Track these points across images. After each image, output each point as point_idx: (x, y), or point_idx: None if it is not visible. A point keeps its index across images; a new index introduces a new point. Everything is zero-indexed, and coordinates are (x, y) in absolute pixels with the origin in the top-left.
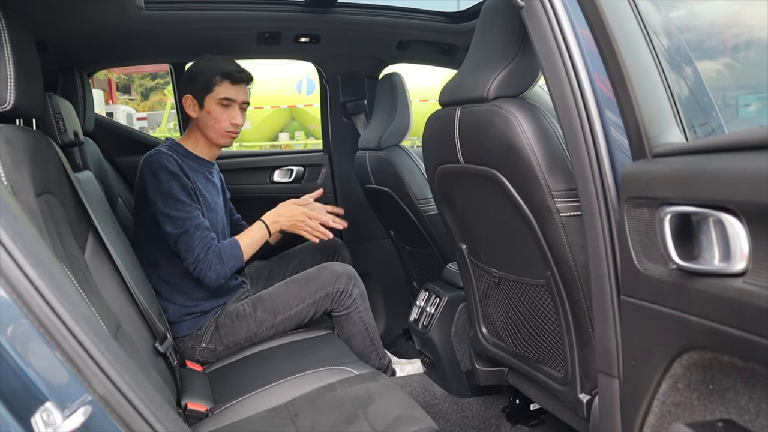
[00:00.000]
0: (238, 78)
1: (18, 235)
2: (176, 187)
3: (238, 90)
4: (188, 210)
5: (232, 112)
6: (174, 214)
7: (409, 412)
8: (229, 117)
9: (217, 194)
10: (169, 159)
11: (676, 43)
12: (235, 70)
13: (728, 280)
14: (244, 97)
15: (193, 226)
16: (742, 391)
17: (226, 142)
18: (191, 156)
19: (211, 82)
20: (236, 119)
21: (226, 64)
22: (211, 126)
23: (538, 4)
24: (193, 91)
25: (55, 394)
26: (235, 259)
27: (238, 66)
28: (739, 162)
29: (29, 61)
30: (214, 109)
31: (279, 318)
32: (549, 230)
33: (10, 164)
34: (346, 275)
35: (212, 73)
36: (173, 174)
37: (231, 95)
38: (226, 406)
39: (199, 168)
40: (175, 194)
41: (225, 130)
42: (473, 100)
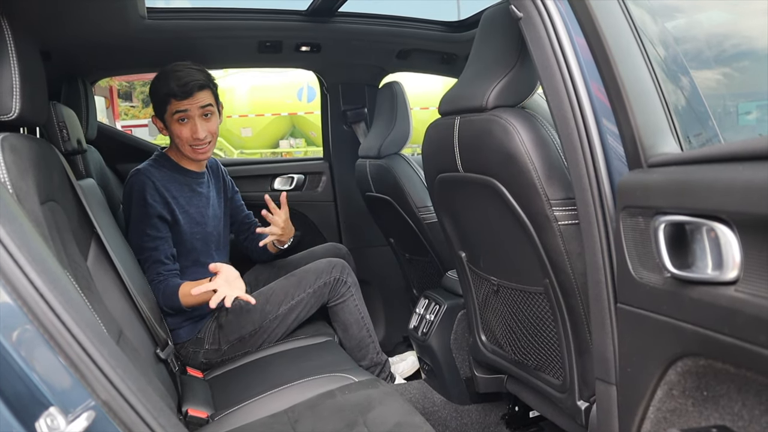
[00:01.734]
0: (183, 93)
1: (23, 242)
2: (143, 216)
3: (190, 102)
4: (147, 241)
5: (191, 126)
6: (137, 241)
7: (409, 419)
8: (190, 131)
9: (207, 205)
10: (148, 182)
11: (673, 54)
12: (177, 86)
13: (721, 288)
14: (200, 104)
15: (146, 257)
16: (736, 398)
17: (197, 156)
18: (178, 168)
19: (162, 101)
20: (197, 132)
21: (170, 80)
22: (179, 144)
23: (536, 15)
24: (155, 112)
25: (59, 399)
26: (172, 303)
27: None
28: (731, 172)
29: (34, 71)
30: (174, 127)
31: (282, 309)
32: (547, 239)
33: (15, 172)
34: (340, 264)
35: (161, 92)
36: (146, 203)
37: (182, 108)
38: (226, 413)
39: (186, 181)
40: (140, 224)
41: (189, 145)
42: (472, 110)
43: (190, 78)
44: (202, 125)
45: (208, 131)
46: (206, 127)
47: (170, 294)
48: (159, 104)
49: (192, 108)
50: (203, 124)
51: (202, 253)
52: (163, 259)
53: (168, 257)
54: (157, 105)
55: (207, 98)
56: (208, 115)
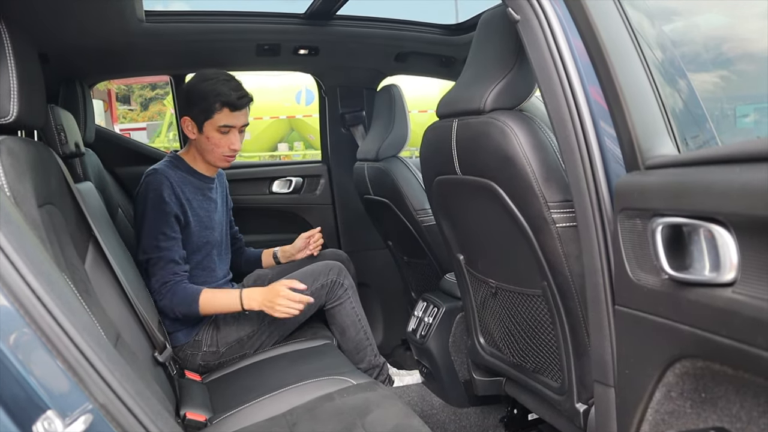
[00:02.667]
0: (239, 105)
1: (21, 245)
2: (160, 213)
3: (238, 116)
4: (162, 240)
5: (231, 138)
6: (150, 241)
7: (407, 422)
8: (227, 143)
9: (215, 210)
10: (166, 182)
11: (670, 57)
12: (236, 98)
13: (718, 290)
14: (244, 121)
15: (160, 257)
16: (734, 399)
17: (223, 165)
18: (192, 172)
19: (210, 108)
20: (235, 144)
21: (226, 89)
22: (209, 150)
23: (534, 18)
24: (191, 113)
25: (57, 402)
26: (187, 307)
27: (239, 89)
28: (728, 174)
29: (32, 74)
30: (212, 135)
31: None
32: (545, 241)
33: (13, 175)
34: (337, 267)
35: (212, 99)
36: (164, 201)
37: (231, 122)
38: (224, 416)
39: (200, 185)
40: (156, 222)
41: (223, 155)
42: (470, 112)
43: (244, 93)
44: (238, 138)
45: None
46: (241, 141)
47: (190, 298)
48: (204, 109)
49: (239, 122)
50: (239, 137)
51: (206, 257)
52: (177, 259)
53: (181, 258)
54: (201, 109)
55: (247, 115)
56: (243, 132)
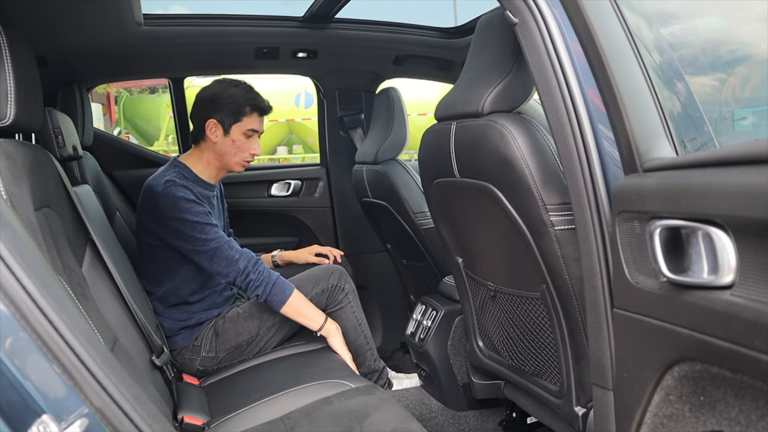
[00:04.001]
0: (268, 110)
1: (17, 248)
2: (200, 213)
3: (261, 121)
4: (216, 231)
5: (253, 143)
6: (202, 237)
7: (406, 426)
8: (250, 147)
9: (219, 218)
10: (182, 188)
11: (668, 59)
12: (267, 105)
13: (716, 293)
14: (263, 128)
15: (226, 243)
16: (733, 403)
17: (240, 170)
18: (199, 181)
19: (240, 111)
20: (256, 150)
21: (256, 95)
22: (232, 154)
23: (532, 21)
24: (218, 116)
25: (52, 406)
26: (282, 293)
27: (261, 96)
28: (725, 176)
29: (29, 77)
30: (239, 138)
31: (279, 316)
32: (544, 244)
33: (9, 178)
34: (338, 271)
35: (243, 103)
36: (193, 201)
37: (257, 127)
38: (222, 420)
39: (205, 193)
40: (200, 219)
41: (244, 160)
42: (468, 115)
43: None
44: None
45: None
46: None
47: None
48: (234, 112)
49: (261, 128)
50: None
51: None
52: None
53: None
54: (231, 112)
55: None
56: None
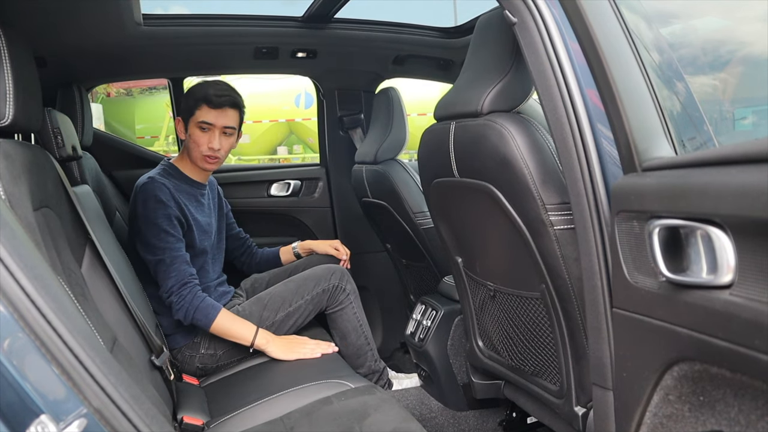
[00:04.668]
0: (217, 102)
1: (15, 248)
2: (162, 216)
3: (217, 114)
4: (170, 241)
5: (210, 136)
6: (154, 242)
7: (405, 426)
8: (207, 141)
9: (210, 215)
10: (161, 188)
11: (667, 59)
12: (213, 94)
13: (715, 293)
14: (225, 122)
15: (170, 257)
16: (732, 403)
17: (205, 167)
18: (185, 178)
19: (193, 105)
20: (213, 143)
21: (209, 88)
22: (192, 149)
23: (531, 21)
24: (181, 113)
25: (51, 407)
26: (205, 318)
27: (221, 90)
28: (724, 176)
29: (28, 77)
30: (194, 132)
31: (279, 315)
32: (543, 243)
33: (8, 178)
34: (339, 271)
35: (195, 97)
36: (162, 203)
37: (209, 119)
38: (222, 420)
39: (192, 191)
40: (159, 223)
41: (203, 154)
42: (467, 115)
43: (227, 93)
44: (220, 138)
45: (223, 147)
46: (222, 142)
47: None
48: (190, 107)
49: (218, 121)
50: (221, 138)
51: (204, 262)
52: (188, 260)
53: (189, 260)
54: (188, 107)
55: (233, 118)
56: (227, 134)
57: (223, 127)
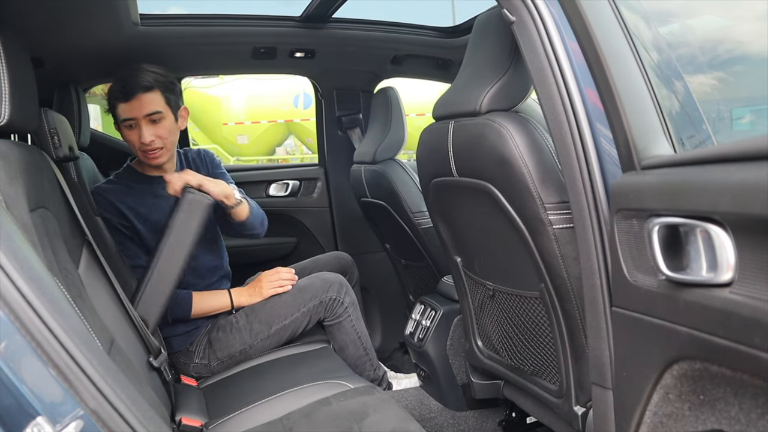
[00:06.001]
0: (126, 94)
1: (11, 249)
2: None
3: (132, 106)
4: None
5: (138, 132)
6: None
7: (405, 426)
8: (137, 137)
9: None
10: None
11: (666, 58)
12: (119, 88)
13: (715, 291)
14: (145, 110)
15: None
16: (732, 401)
17: (150, 162)
18: (138, 177)
19: (111, 107)
20: (144, 137)
21: (116, 82)
22: (132, 148)
23: (529, 20)
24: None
25: (47, 408)
26: (182, 312)
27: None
28: (723, 173)
29: (25, 77)
30: (124, 133)
31: (274, 328)
32: (542, 242)
33: (4, 178)
34: (338, 283)
35: (109, 98)
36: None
37: (126, 115)
38: (220, 421)
39: (147, 188)
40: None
41: (141, 151)
42: (466, 114)
43: (133, 79)
44: (148, 129)
45: (156, 135)
46: (153, 132)
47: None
48: (111, 110)
49: (138, 113)
50: (150, 128)
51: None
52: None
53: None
54: (110, 106)
55: (153, 102)
56: (156, 120)
57: (144, 116)
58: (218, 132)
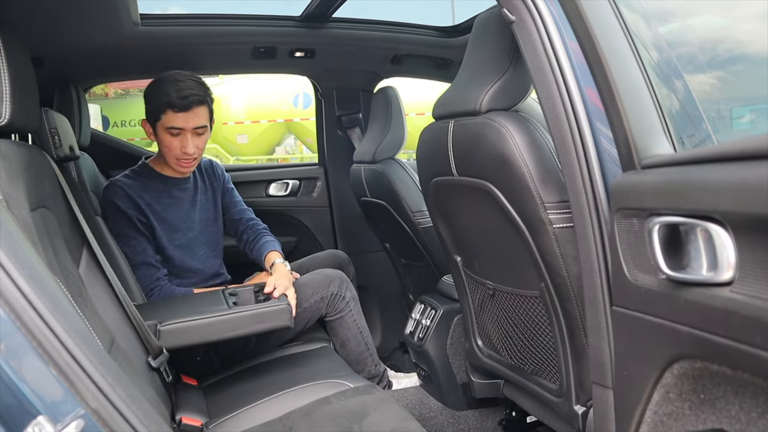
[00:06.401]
0: (182, 105)
1: (12, 249)
2: (122, 223)
3: (186, 117)
4: (134, 245)
5: (182, 141)
6: (125, 249)
7: (405, 426)
8: (180, 145)
9: (190, 209)
10: (118, 191)
11: (666, 57)
12: (176, 98)
13: (715, 290)
14: (195, 123)
15: (138, 261)
16: (733, 400)
17: (182, 171)
18: (156, 176)
19: (157, 110)
20: (186, 147)
21: (171, 89)
22: (165, 153)
23: (529, 19)
24: (147, 116)
25: (48, 408)
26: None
27: (185, 90)
28: (723, 172)
29: (25, 77)
30: (164, 137)
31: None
32: (542, 242)
33: (5, 178)
34: (339, 278)
35: (158, 102)
36: (119, 209)
37: (178, 124)
38: (221, 421)
39: (163, 188)
40: (122, 231)
41: (176, 158)
42: (466, 113)
43: (192, 92)
44: (193, 141)
45: (197, 147)
46: (196, 143)
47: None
48: (154, 111)
49: (188, 124)
50: (194, 140)
51: (184, 259)
52: (153, 263)
53: (156, 261)
54: (152, 111)
55: (203, 116)
56: (201, 133)
57: (193, 128)
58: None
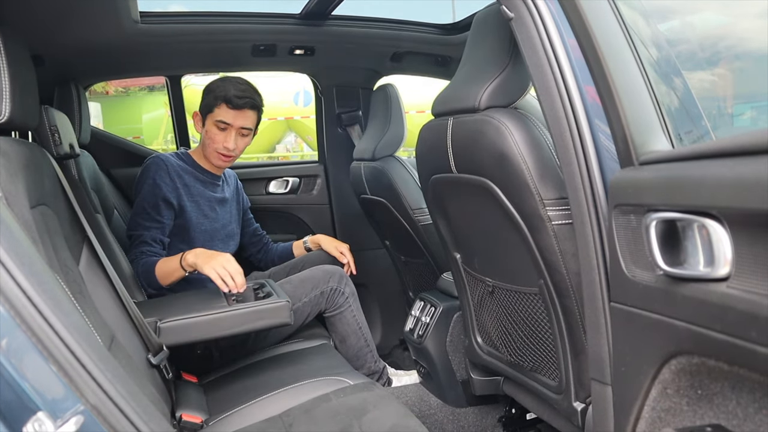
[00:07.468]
0: (236, 103)
1: (12, 246)
2: (149, 195)
3: (236, 115)
4: (146, 220)
5: (226, 136)
6: (136, 218)
7: (404, 422)
8: (223, 140)
9: (220, 204)
10: (161, 166)
11: (665, 55)
12: (234, 95)
13: (712, 285)
14: (243, 123)
15: (138, 236)
16: (730, 396)
17: (218, 164)
18: (197, 167)
19: (213, 103)
20: (228, 143)
21: (230, 87)
22: (207, 144)
23: (528, 16)
24: (200, 108)
25: (48, 404)
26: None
27: (242, 91)
28: (720, 168)
29: (25, 75)
30: (211, 129)
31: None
32: (541, 239)
33: (5, 176)
34: (338, 274)
35: (216, 94)
36: (155, 185)
37: (227, 119)
38: (221, 417)
39: (201, 177)
40: (146, 203)
41: (217, 152)
42: (465, 110)
43: (248, 95)
44: (237, 139)
45: (238, 146)
46: (238, 142)
47: (148, 270)
48: (208, 103)
49: (236, 122)
50: (238, 139)
51: (205, 245)
52: (149, 241)
53: (156, 241)
54: (207, 103)
55: (251, 119)
56: (245, 135)
57: (240, 127)
58: None
